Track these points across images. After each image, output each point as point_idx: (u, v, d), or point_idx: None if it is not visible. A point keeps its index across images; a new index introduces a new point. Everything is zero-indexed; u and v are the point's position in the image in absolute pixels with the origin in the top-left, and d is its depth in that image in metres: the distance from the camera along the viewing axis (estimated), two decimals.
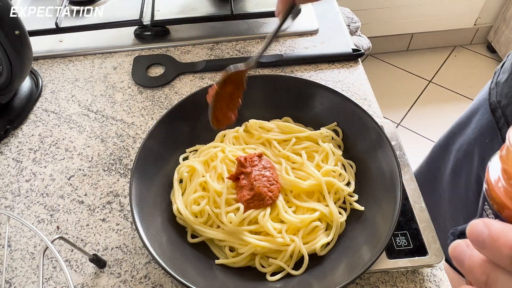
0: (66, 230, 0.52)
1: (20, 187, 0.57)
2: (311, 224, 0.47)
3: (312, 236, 0.47)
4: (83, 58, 0.73)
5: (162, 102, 0.65)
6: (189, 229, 0.49)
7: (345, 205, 0.50)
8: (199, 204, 0.49)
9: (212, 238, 0.48)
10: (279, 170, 0.51)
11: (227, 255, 0.47)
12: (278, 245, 0.45)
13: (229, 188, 0.49)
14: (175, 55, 0.72)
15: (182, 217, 0.49)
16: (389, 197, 0.46)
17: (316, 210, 0.47)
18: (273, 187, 0.48)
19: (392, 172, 0.46)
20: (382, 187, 0.48)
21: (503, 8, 1.89)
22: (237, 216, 0.46)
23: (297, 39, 0.74)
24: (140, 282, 0.47)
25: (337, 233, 0.48)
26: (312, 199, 0.49)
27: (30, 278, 0.48)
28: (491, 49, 2.03)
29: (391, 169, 0.47)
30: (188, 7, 0.78)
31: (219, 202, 0.48)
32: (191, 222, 0.48)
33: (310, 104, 0.57)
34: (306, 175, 0.50)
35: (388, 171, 0.47)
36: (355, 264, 0.42)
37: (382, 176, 0.48)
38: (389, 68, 2.04)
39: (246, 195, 0.47)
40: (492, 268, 0.19)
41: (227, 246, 0.47)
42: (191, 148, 0.56)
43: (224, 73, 0.46)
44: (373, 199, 0.48)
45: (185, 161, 0.53)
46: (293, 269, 0.45)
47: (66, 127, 0.63)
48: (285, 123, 0.56)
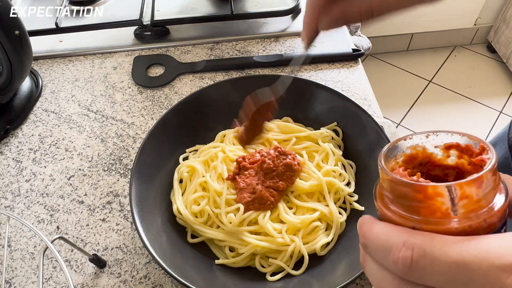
0: (66, 230, 0.52)
1: (20, 187, 0.57)
2: (311, 224, 0.47)
3: (312, 236, 0.47)
4: (83, 58, 0.73)
5: (162, 102, 0.65)
6: (189, 229, 0.49)
7: (345, 205, 0.50)
8: (199, 204, 0.49)
9: (212, 238, 0.48)
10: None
11: (227, 255, 0.47)
12: (278, 245, 0.45)
13: (229, 188, 0.49)
14: (175, 55, 0.72)
15: (182, 217, 0.49)
16: None
17: (316, 210, 0.47)
18: (275, 192, 0.48)
19: None
20: None
21: (503, 8, 1.89)
22: (237, 217, 0.46)
23: (297, 39, 0.74)
24: (140, 282, 0.47)
25: (337, 233, 0.48)
26: (312, 199, 0.49)
27: (30, 278, 0.48)
28: (491, 49, 2.03)
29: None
30: (188, 7, 0.78)
31: (219, 202, 0.48)
32: (191, 222, 0.48)
33: (310, 104, 0.57)
34: (307, 176, 0.50)
35: None
36: (355, 264, 0.42)
37: None
38: (389, 68, 2.04)
39: (247, 197, 0.47)
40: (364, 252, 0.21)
41: (227, 246, 0.47)
42: (191, 148, 0.56)
43: (252, 104, 0.42)
44: (372, 199, 0.48)
45: (185, 161, 0.53)
46: (293, 269, 0.45)
47: (66, 127, 0.63)
48: (285, 123, 0.56)
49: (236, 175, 0.49)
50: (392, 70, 2.03)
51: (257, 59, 0.69)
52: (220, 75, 0.68)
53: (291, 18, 0.77)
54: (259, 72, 0.68)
